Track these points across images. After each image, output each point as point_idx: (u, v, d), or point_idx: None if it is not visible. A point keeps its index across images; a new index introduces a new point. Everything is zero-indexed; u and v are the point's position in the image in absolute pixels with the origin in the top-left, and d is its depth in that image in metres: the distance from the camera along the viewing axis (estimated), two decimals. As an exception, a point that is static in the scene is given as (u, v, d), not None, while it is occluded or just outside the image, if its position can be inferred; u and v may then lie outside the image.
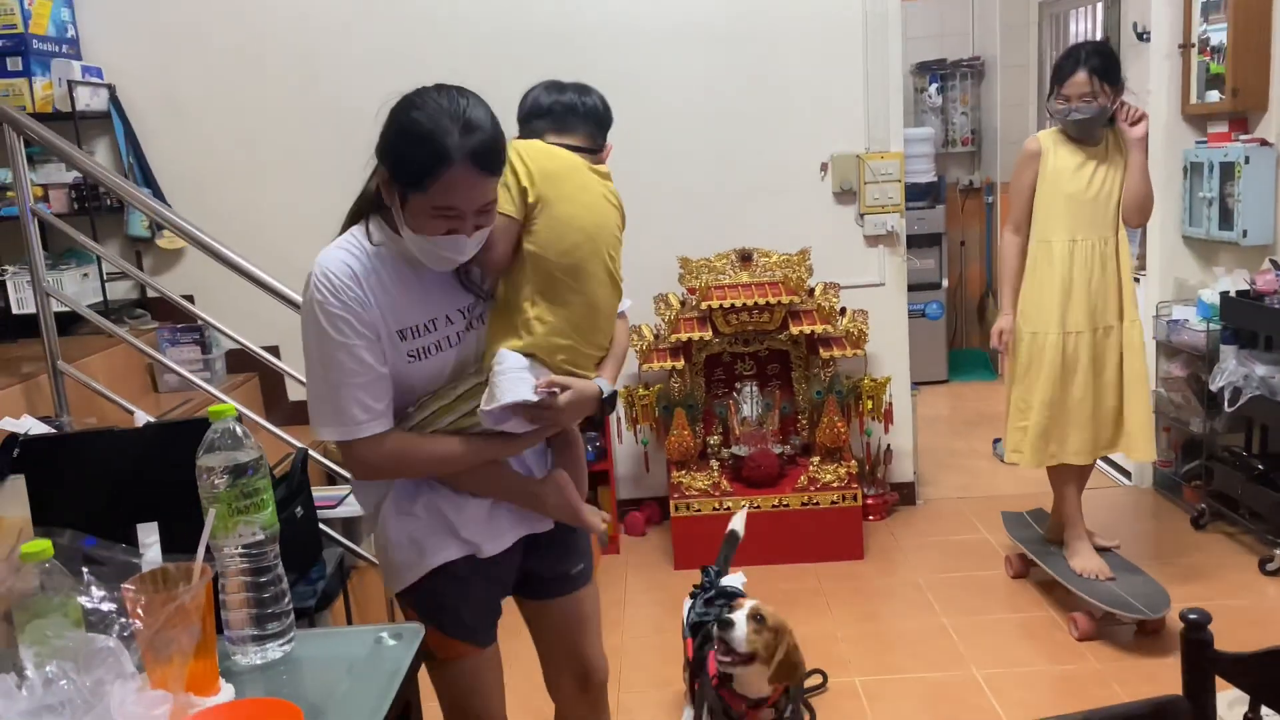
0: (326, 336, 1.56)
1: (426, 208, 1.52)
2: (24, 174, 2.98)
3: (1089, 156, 3.08)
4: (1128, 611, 2.95)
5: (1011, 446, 3.26)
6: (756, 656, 2.14)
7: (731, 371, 3.97)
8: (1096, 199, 3.07)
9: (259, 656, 1.38)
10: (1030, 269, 3.16)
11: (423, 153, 1.50)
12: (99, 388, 3.06)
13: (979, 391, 5.92)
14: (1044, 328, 3.12)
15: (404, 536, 1.71)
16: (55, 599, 1.17)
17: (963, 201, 6.31)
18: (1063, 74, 3.02)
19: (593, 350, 1.75)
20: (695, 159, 3.97)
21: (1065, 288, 3.09)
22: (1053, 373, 3.11)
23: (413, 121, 1.52)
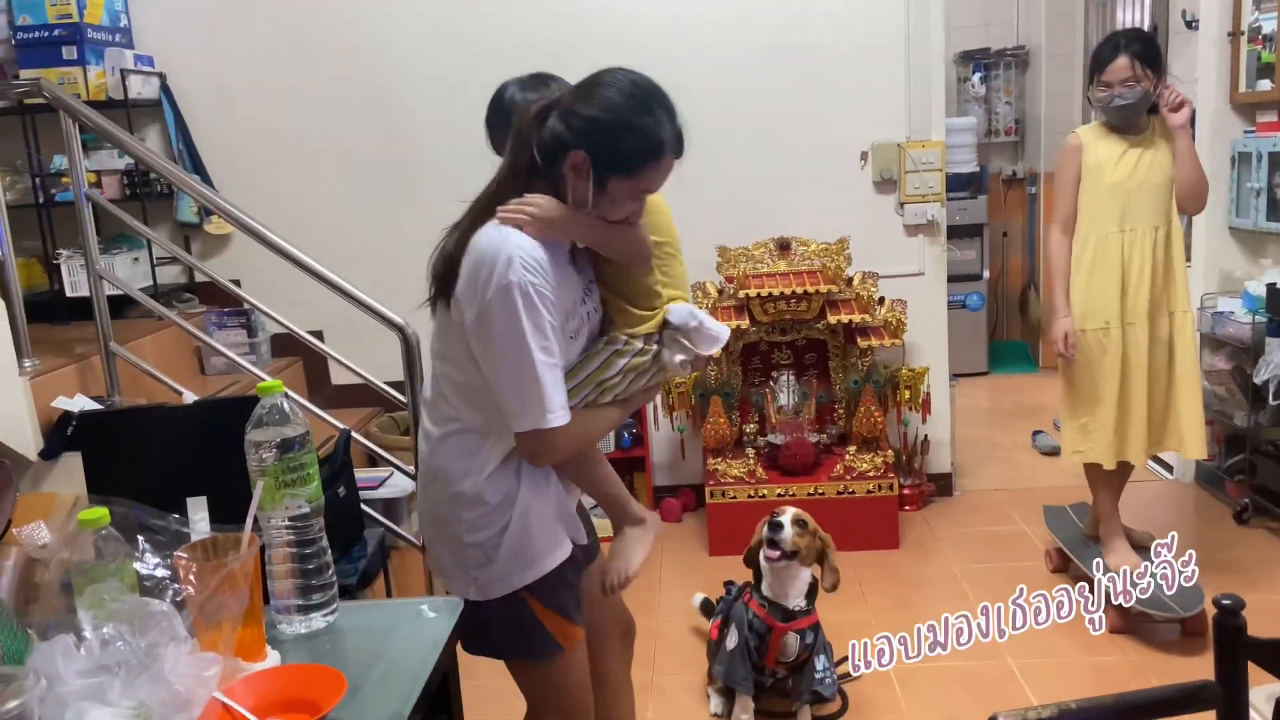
0: (540, 317, 1.54)
1: (628, 191, 1.61)
2: (79, 160, 3.07)
3: (1132, 145, 3.03)
4: (1159, 610, 2.91)
5: (1071, 446, 3.20)
6: (799, 554, 2.53)
7: (768, 360, 3.98)
8: (1143, 187, 3.01)
9: (304, 626, 1.42)
10: (1078, 264, 3.10)
11: (643, 141, 1.58)
12: (149, 368, 3.14)
13: (1019, 384, 5.88)
14: (1103, 322, 3.06)
15: (543, 523, 1.71)
16: (111, 564, 1.22)
17: (1005, 192, 6.25)
18: (1102, 60, 2.98)
19: None
20: (734, 147, 3.97)
21: (1121, 279, 3.04)
22: (1115, 367, 3.05)
23: (630, 109, 1.58)
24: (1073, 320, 3.10)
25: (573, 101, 1.60)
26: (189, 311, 3.83)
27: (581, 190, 1.60)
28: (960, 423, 4.49)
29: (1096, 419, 3.11)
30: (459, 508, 1.68)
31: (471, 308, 1.57)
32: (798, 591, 2.57)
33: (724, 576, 3.04)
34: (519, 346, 1.54)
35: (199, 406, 2.27)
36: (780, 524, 2.53)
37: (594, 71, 1.66)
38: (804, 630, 2.56)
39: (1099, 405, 3.10)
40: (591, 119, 1.58)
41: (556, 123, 1.60)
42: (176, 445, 1.95)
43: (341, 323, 3.58)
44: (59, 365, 2.99)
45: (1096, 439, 3.12)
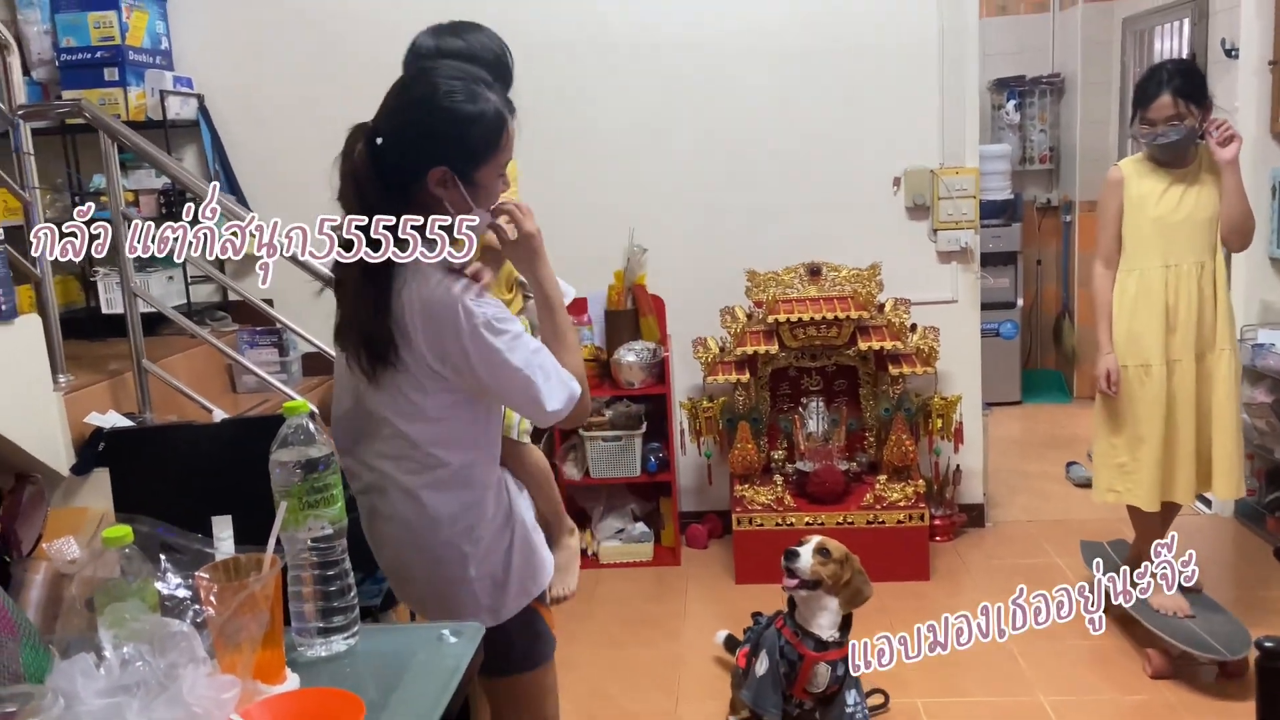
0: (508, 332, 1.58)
1: (493, 172, 1.61)
2: (117, 179, 3.11)
3: (1176, 179, 2.96)
4: (1205, 651, 2.83)
5: (1105, 485, 3.11)
6: (821, 584, 2.47)
7: (798, 386, 3.95)
8: (1188, 221, 2.94)
9: (324, 649, 1.41)
10: (1120, 300, 3.04)
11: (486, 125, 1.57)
12: (180, 386, 3.16)
13: (1053, 414, 5.80)
14: (1145, 358, 2.98)
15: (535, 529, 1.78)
16: (134, 583, 1.21)
17: (1040, 220, 6.20)
18: (1145, 97, 2.91)
19: None
20: (766, 171, 3.97)
21: (1165, 315, 2.96)
22: (1158, 406, 2.97)
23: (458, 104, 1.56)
24: (1115, 357, 3.02)
25: (397, 126, 1.58)
26: (221, 330, 3.86)
27: (457, 198, 1.59)
28: (993, 453, 4.43)
29: (1136, 459, 3.02)
30: (460, 544, 1.68)
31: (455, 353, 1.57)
32: (828, 622, 2.52)
33: (750, 605, 3.00)
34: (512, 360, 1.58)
35: (227, 425, 2.28)
36: (796, 552, 2.49)
37: (396, 83, 1.65)
38: (835, 662, 2.52)
39: (1140, 445, 3.01)
40: (430, 133, 1.56)
41: (393, 154, 1.57)
42: (204, 463, 1.96)
43: (371, 343, 3.59)
44: (92, 381, 3.02)
45: (1136, 480, 3.02)
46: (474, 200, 1.60)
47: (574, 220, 4.00)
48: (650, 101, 3.95)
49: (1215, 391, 3.00)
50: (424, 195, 1.60)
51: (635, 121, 3.97)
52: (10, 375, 2.59)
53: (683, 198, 3.99)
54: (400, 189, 1.58)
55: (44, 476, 2.72)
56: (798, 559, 2.47)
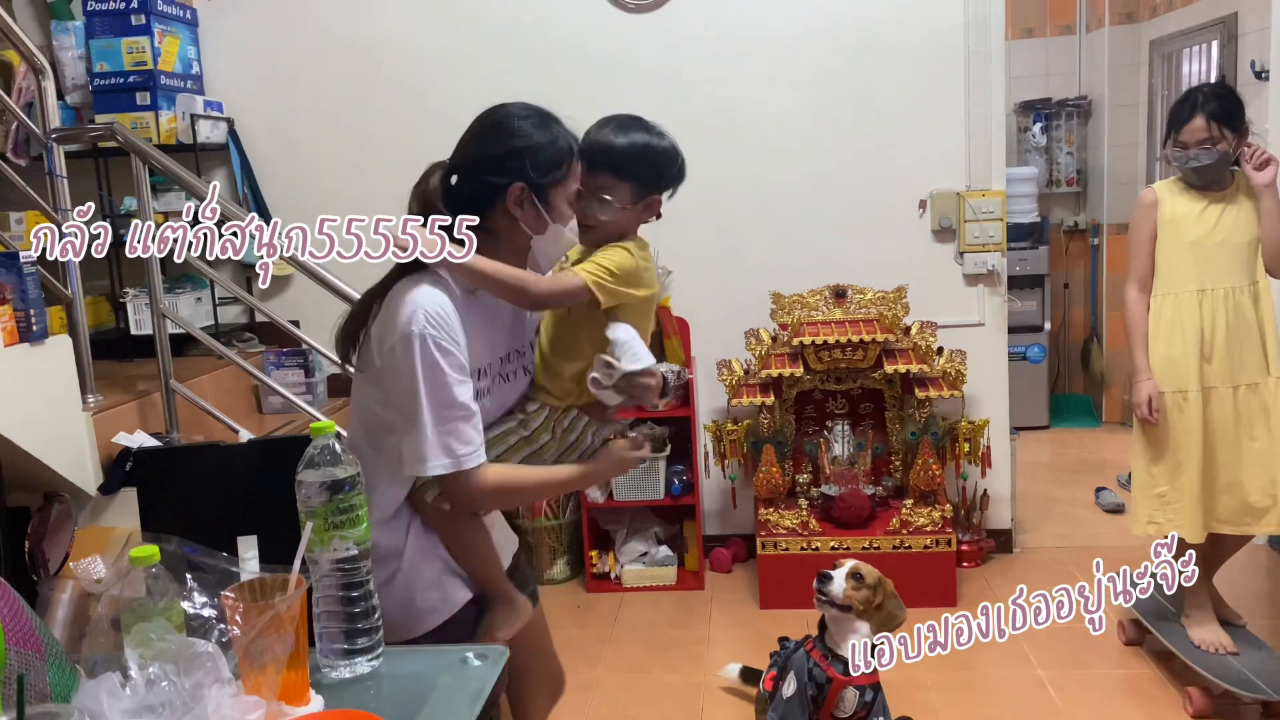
0: (439, 370, 1.59)
1: (565, 196, 1.70)
2: (148, 202, 3.14)
3: (1212, 201, 2.90)
4: (1249, 691, 2.73)
5: (1146, 516, 3.03)
6: (852, 608, 2.45)
7: (823, 409, 3.93)
8: (1224, 245, 2.88)
9: (348, 670, 1.40)
10: (1154, 324, 2.98)
11: (560, 146, 1.68)
12: (207, 407, 3.18)
13: (1081, 438, 5.73)
14: (1181, 385, 2.92)
15: (433, 578, 1.76)
16: (160, 603, 1.21)
17: (1067, 243, 6.15)
18: (1179, 119, 2.87)
19: None
20: (791, 193, 3.96)
21: (1200, 341, 2.90)
22: (1195, 434, 2.90)
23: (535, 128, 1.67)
24: (1155, 384, 2.95)
25: (478, 151, 1.68)
26: (248, 350, 3.89)
27: (532, 216, 1.68)
28: (1020, 478, 4.38)
29: (1177, 488, 2.94)
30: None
31: (379, 354, 1.64)
32: (859, 646, 2.49)
33: (775, 630, 2.97)
34: (416, 395, 1.59)
35: (253, 445, 2.29)
36: (829, 575, 2.48)
37: (473, 120, 1.74)
38: (864, 687, 2.49)
39: (1179, 474, 2.93)
40: (510, 151, 1.66)
41: (468, 181, 1.67)
42: (230, 483, 1.96)
43: (396, 364, 3.61)
44: (121, 402, 3.04)
45: (1177, 509, 2.94)
46: (552, 218, 1.70)
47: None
48: (675, 123, 3.91)
49: (1270, 419, 2.89)
50: (500, 218, 1.68)
51: (660, 144, 3.98)
52: (41, 395, 2.62)
53: (708, 220, 3.99)
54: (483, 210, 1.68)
55: (72, 496, 2.74)
56: (830, 583, 2.46)
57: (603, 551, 4.01)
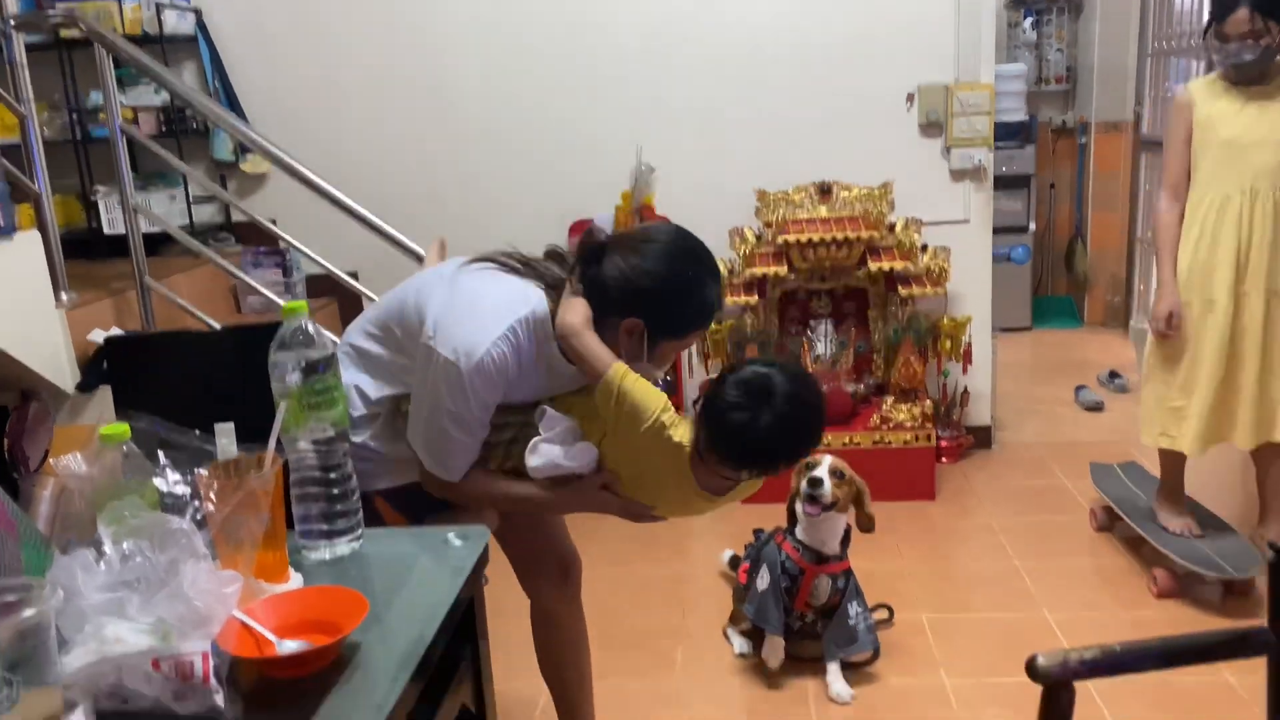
0: (468, 408, 1.63)
1: (675, 348, 1.75)
2: (113, 94, 3.05)
3: (1252, 98, 2.75)
4: (1211, 570, 2.78)
5: (1159, 429, 2.94)
6: (838, 503, 2.51)
7: (806, 309, 3.91)
8: (1264, 144, 2.72)
9: (328, 551, 1.41)
10: (1187, 230, 2.85)
11: (695, 310, 1.70)
12: (184, 304, 3.15)
13: (1063, 339, 5.76)
14: (1211, 293, 2.79)
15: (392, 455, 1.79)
16: (132, 481, 1.20)
17: (1054, 142, 6.08)
18: (1222, 9, 2.70)
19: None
20: (775, 89, 3.88)
21: (1235, 247, 2.75)
22: (1222, 346, 2.79)
23: (682, 281, 1.67)
24: (1179, 299, 2.85)
25: (626, 266, 1.65)
26: (225, 250, 3.83)
27: (634, 349, 1.69)
28: (1001, 377, 4.41)
29: (1193, 404, 2.86)
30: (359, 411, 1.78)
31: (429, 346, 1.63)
32: (834, 539, 2.56)
33: (754, 522, 3.01)
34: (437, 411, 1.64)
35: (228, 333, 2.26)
36: (819, 479, 2.49)
37: (643, 229, 1.78)
38: (836, 575, 2.54)
39: (1197, 388, 2.85)
40: (646, 291, 1.65)
41: (613, 287, 1.65)
42: (206, 372, 1.94)
43: (376, 263, 3.55)
44: (95, 299, 3.00)
45: (1188, 427, 2.87)
46: (649, 358, 1.70)
47: (580, 138, 3.94)
48: (659, 17, 3.85)
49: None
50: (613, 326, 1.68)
51: (643, 38, 3.87)
52: (12, 292, 2.57)
53: (692, 116, 3.91)
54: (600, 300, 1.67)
55: (49, 394, 2.72)
56: (821, 485, 2.48)
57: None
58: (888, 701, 2.53)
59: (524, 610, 2.12)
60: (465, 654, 1.42)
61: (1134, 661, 1.23)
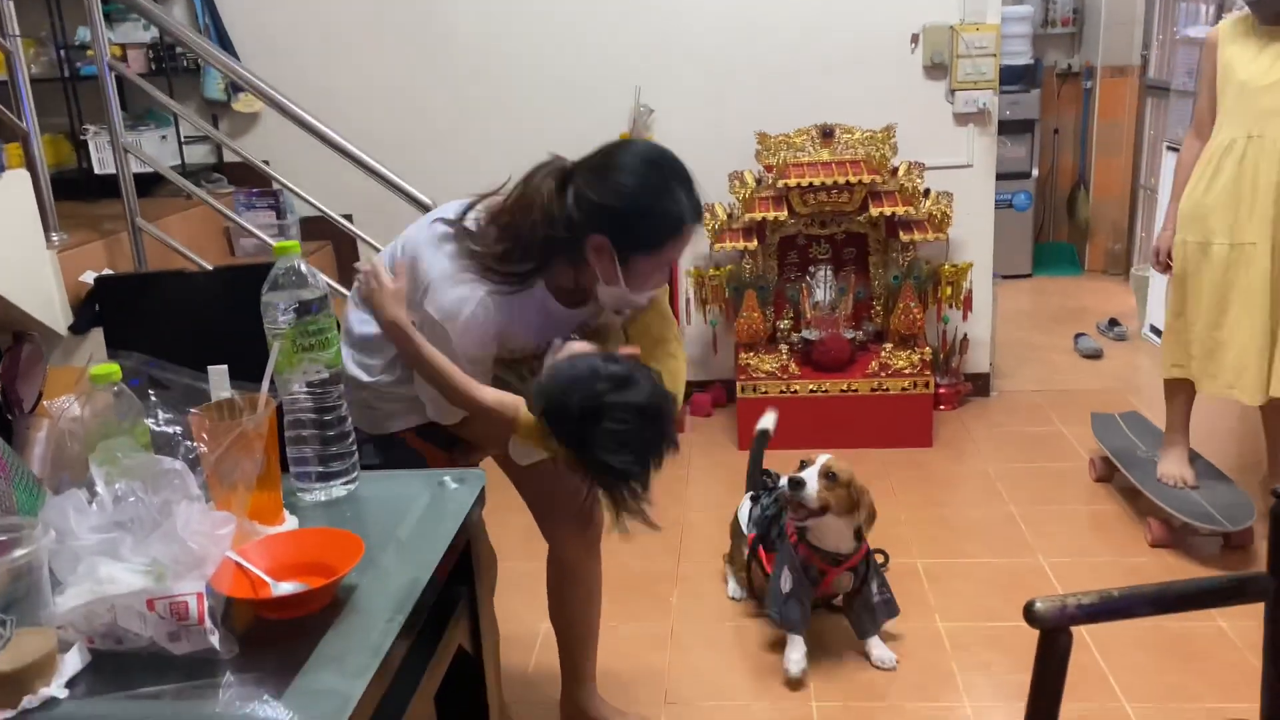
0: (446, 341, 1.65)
1: (653, 265, 1.67)
2: (101, 30, 2.99)
3: (1271, 40, 2.67)
4: (1205, 523, 2.77)
5: (1170, 360, 2.93)
6: (828, 509, 2.29)
7: (806, 254, 3.88)
8: (1276, 88, 2.64)
9: (323, 494, 1.40)
10: (1197, 171, 2.81)
11: (662, 222, 1.63)
12: (176, 245, 3.11)
13: (1064, 286, 5.73)
14: (1205, 236, 2.77)
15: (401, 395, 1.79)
16: (124, 421, 1.19)
17: (1059, 87, 6.00)
18: None
19: None
20: (777, 29, 3.80)
21: (1236, 191, 2.70)
22: (1215, 288, 2.75)
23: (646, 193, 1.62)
24: (1171, 234, 2.86)
25: (587, 183, 1.62)
26: (218, 191, 3.78)
27: (606, 269, 1.64)
28: (1001, 324, 4.39)
29: (1194, 339, 2.84)
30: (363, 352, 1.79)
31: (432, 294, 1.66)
32: (845, 540, 2.38)
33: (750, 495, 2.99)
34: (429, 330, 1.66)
35: (221, 273, 2.24)
36: (801, 480, 2.27)
37: (606, 146, 1.69)
38: (856, 567, 2.42)
39: (1193, 325, 2.84)
40: (606, 207, 1.61)
41: (572, 206, 1.62)
42: (199, 312, 1.92)
43: (371, 206, 3.52)
44: (86, 240, 2.97)
45: (1190, 358, 2.87)
46: (625, 279, 1.65)
47: (578, 79, 3.87)
48: (658, -46, 3.76)
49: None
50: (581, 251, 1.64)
51: (642, -26, 3.79)
52: (1, 232, 2.54)
53: (691, 56, 3.84)
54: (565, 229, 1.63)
55: (42, 336, 2.69)
56: (804, 488, 2.27)
57: (584, 396, 4.02)
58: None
59: (522, 551, 2.12)
60: (462, 594, 1.42)
61: (1132, 607, 1.23)
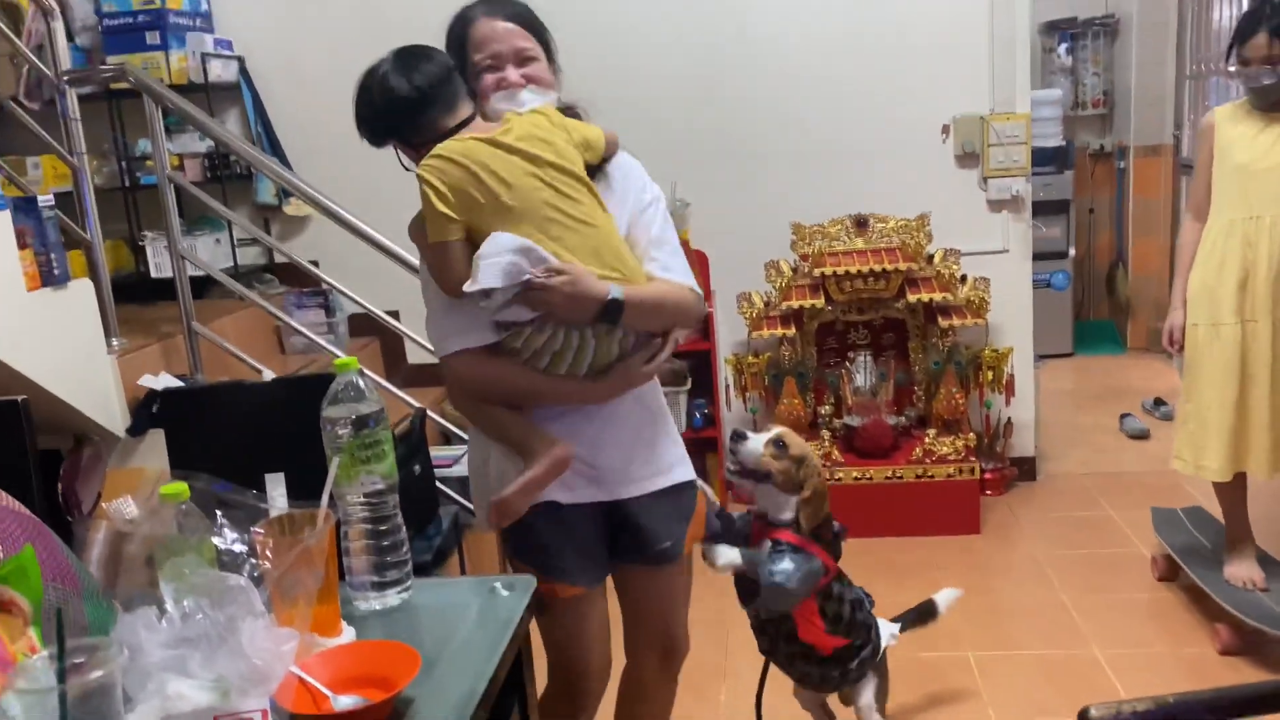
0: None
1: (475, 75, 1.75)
2: (162, 143, 3.12)
3: (1270, 124, 2.76)
4: (1276, 628, 2.67)
5: (1175, 451, 2.97)
6: (769, 478, 2.04)
7: (844, 340, 3.90)
8: (1276, 169, 2.73)
9: (378, 603, 1.42)
10: (1199, 252, 2.88)
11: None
12: (230, 347, 3.19)
13: (1106, 365, 5.69)
14: (1216, 316, 2.82)
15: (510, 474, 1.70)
16: (191, 539, 1.22)
17: (1093, 167, 6.04)
18: (1243, 34, 2.72)
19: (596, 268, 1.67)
20: (811, 121, 3.89)
21: (1241, 271, 2.77)
22: (1230, 369, 2.80)
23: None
24: (1183, 314, 2.90)
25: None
26: (269, 292, 3.89)
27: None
28: (1045, 405, 4.36)
29: (1205, 426, 2.86)
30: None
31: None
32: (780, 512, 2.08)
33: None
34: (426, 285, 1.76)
35: (278, 383, 2.30)
36: (744, 434, 2.05)
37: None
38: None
39: (1208, 410, 2.85)
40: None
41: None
42: (256, 421, 1.98)
43: (417, 302, 3.60)
44: (144, 344, 3.06)
45: (1203, 447, 2.86)
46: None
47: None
48: (694, 51, 3.88)
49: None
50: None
51: (677, 72, 3.90)
52: (65, 339, 2.63)
53: (726, 150, 3.94)
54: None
55: (101, 438, 2.77)
56: (745, 442, 2.04)
57: (626, 485, 4.03)
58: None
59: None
60: (514, 702, 1.43)
61: (1190, 714, 1.20)
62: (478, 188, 1.62)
